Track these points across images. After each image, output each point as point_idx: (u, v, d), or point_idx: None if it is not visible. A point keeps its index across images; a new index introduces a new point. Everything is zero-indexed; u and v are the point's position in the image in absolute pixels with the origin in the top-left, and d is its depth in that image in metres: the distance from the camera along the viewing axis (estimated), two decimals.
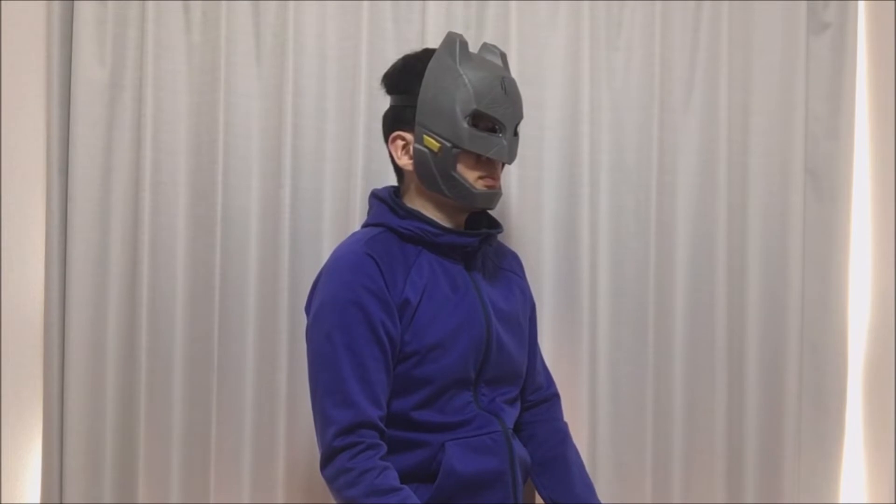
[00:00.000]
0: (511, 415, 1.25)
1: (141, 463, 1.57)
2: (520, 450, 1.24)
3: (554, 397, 1.40)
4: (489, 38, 1.59)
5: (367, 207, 1.55)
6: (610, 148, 1.62)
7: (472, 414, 1.17)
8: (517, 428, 1.30)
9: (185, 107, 1.60)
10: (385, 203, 1.22)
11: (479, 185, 1.18)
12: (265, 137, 1.60)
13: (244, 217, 1.59)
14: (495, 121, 1.16)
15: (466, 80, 1.14)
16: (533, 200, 1.60)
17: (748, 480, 1.61)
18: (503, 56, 1.24)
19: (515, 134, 1.21)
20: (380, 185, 1.30)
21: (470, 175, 1.17)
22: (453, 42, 1.16)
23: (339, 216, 1.58)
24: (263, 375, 1.58)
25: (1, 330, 1.53)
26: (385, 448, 1.11)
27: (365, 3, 1.57)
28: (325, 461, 1.10)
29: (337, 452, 1.07)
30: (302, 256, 1.57)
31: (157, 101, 1.57)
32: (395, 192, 1.26)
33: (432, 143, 1.15)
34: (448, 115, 1.14)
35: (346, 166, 1.59)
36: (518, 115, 1.20)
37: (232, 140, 1.58)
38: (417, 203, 1.22)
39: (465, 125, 1.14)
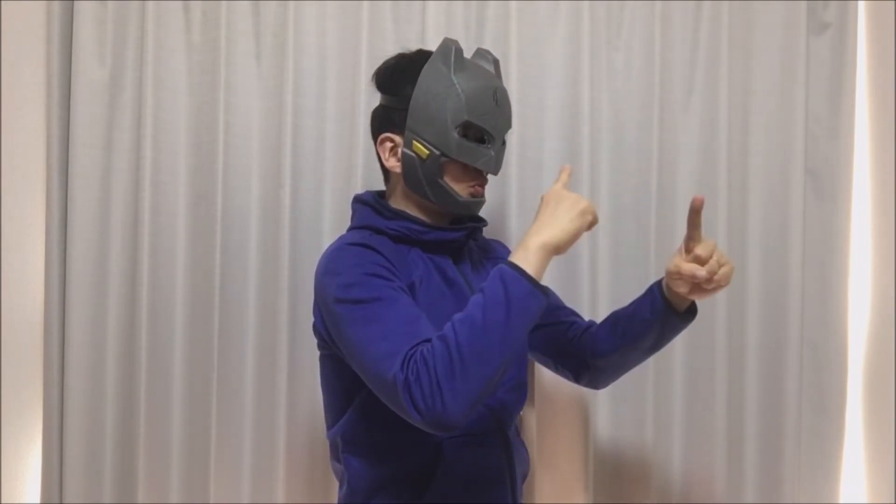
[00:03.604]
0: (512, 406, 1.23)
1: (141, 463, 1.57)
2: (518, 448, 1.24)
3: (594, 323, 1.32)
4: (489, 38, 1.59)
5: None
6: (610, 148, 1.62)
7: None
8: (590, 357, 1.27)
9: (185, 107, 1.60)
10: (369, 206, 1.21)
11: (465, 194, 1.18)
12: (265, 137, 1.60)
13: (244, 217, 1.59)
14: (485, 132, 1.16)
15: (459, 90, 1.13)
16: (533, 200, 1.60)
17: (748, 480, 1.61)
18: (496, 63, 1.23)
19: (503, 143, 1.21)
20: (380, 185, 1.30)
21: (456, 183, 1.17)
22: (448, 49, 1.15)
23: (339, 216, 1.58)
24: (263, 375, 1.58)
25: (1, 330, 1.53)
26: None
27: (365, 3, 1.57)
28: (405, 387, 0.93)
29: (408, 364, 0.94)
30: (302, 256, 1.57)
31: (157, 101, 1.57)
32: (380, 195, 1.26)
33: (421, 149, 1.15)
34: (438, 123, 1.13)
35: (346, 166, 1.59)
36: (507, 126, 1.20)
37: (232, 140, 1.59)
38: (402, 204, 1.22)
39: (455, 135, 1.13)
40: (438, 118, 1.13)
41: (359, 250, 1.10)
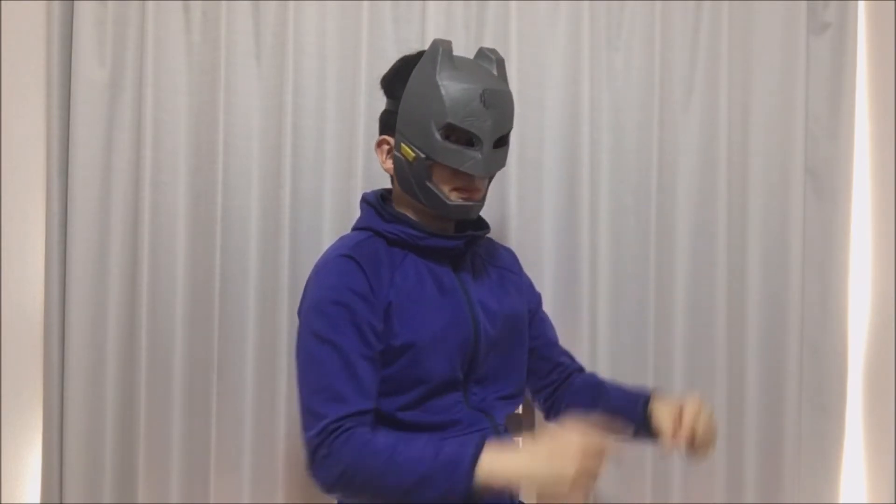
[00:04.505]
0: (503, 408, 1.23)
1: (141, 463, 1.57)
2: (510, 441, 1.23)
3: (582, 370, 1.37)
4: (489, 38, 1.59)
5: None
6: (610, 148, 1.62)
7: (460, 414, 1.16)
8: (556, 405, 1.31)
9: (185, 107, 1.60)
10: (373, 207, 1.22)
11: (454, 197, 1.16)
12: (265, 137, 1.60)
13: (244, 217, 1.59)
14: (471, 134, 1.13)
15: (443, 92, 1.11)
16: (533, 200, 1.61)
17: (748, 480, 1.61)
18: (500, 62, 1.20)
19: (503, 144, 1.18)
20: (379, 185, 1.30)
21: (445, 186, 1.15)
22: (436, 50, 1.14)
23: (339, 216, 1.58)
24: (263, 375, 1.58)
25: (1, 330, 1.52)
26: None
27: (365, 3, 1.57)
28: (312, 454, 1.05)
29: (325, 437, 1.03)
30: (302, 256, 1.57)
31: (157, 101, 1.57)
32: (385, 196, 1.26)
33: (408, 152, 1.15)
34: (423, 125, 1.13)
35: (346, 166, 1.59)
36: (500, 128, 1.15)
37: (232, 140, 1.58)
38: (403, 207, 1.22)
39: (439, 137, 1.12)
40: (423, 121, 1.12)
41: (344, 267, 1.12)
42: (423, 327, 1.14)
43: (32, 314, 1.58)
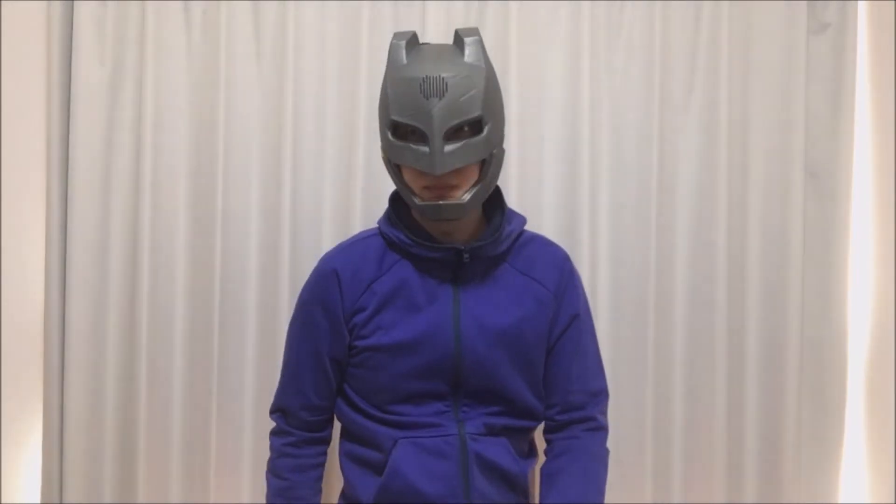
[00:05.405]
0: (482, 423, 1.17)
1: (141, 463, 1.57)
2: (487, 454, 1.15)
3: (590, 420, 1.23)
4: (489, 38, 1.59)
5: (365, 207, 1.56)
6: (610, 148, 1.62)
7: (437, 420, 1.15)
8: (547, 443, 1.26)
9: (185, 107, 1.60)
10: (388, 207, 1.23)
11: (426, 197, 1.09)
12: (265, 137, 1.60)
13: (244, 217, 1.59)
14: (417, 128, 1.05)
15: (389, 88, 1.08)
16: (533, 200, 1.60)
17: (748, 480, 1.61)
18: (474, 43, 1.08)
19: (474, 135, 1.07)
20: (378, 185, 1.31)
21: (416, 186, 1.10)
22: (389, 46, 1.10)
23: (339, 216, 1.58)
24: (263, 375, 1.58)
25: (1, 330, 1.52)
26: (294, 437, 1.22)
27: (365, 3, 1.57)
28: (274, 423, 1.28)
29: (273, 424, 1.27)
30: (302, 256, 1.57)
31: (157, 101, 1.57)
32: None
33: (382, 153, 1.15)
34: (381, 125, 1.12)
35: (346, 166, 1.59)
36: (450, 117, 1.04)
37: (232, 140, 1.59)
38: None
39: (390, 136, 1.09)
40: (380, 120, 1.13)
41: (320, 277, 1.19)
42: (388, 335, 1.14)
43: (32, 314, 1.58)
